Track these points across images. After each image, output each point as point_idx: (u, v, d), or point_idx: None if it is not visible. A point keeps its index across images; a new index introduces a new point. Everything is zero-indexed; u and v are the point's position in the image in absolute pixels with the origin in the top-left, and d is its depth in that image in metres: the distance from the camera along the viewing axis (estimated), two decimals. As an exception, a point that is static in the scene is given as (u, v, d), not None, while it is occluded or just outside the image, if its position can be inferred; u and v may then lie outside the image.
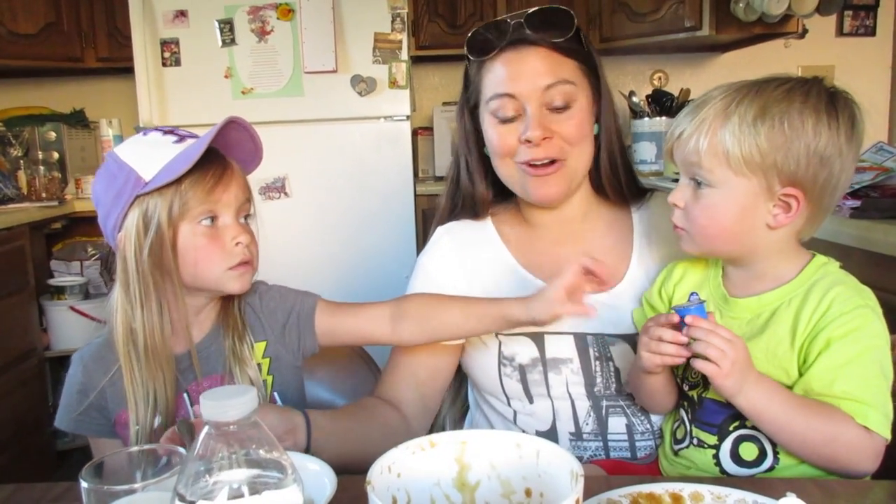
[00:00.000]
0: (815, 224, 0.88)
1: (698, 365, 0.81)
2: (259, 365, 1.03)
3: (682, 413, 0.96)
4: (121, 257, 0.95)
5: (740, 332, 0.89)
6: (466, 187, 1.15)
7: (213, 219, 0.95)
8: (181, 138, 0.96)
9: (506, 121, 1.03)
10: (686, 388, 0.95)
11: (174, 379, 0.97)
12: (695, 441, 0.92)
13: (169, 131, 0.98)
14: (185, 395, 0.99)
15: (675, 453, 0.96)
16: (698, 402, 0.92)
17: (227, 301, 1.04)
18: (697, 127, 0.86)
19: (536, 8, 1.02)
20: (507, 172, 1.07)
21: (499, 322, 0.99)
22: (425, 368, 1.11)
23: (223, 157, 0.97)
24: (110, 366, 0.97)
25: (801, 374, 0.84)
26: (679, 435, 0.96)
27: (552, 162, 1.02)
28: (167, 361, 0.95)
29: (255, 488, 0.50)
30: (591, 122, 1.06)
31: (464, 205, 1.16)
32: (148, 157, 0.94)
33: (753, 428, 0.86)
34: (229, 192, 0.95)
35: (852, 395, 0.80)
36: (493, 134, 1.05)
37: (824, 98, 0.84)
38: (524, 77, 1.01)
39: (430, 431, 1.12)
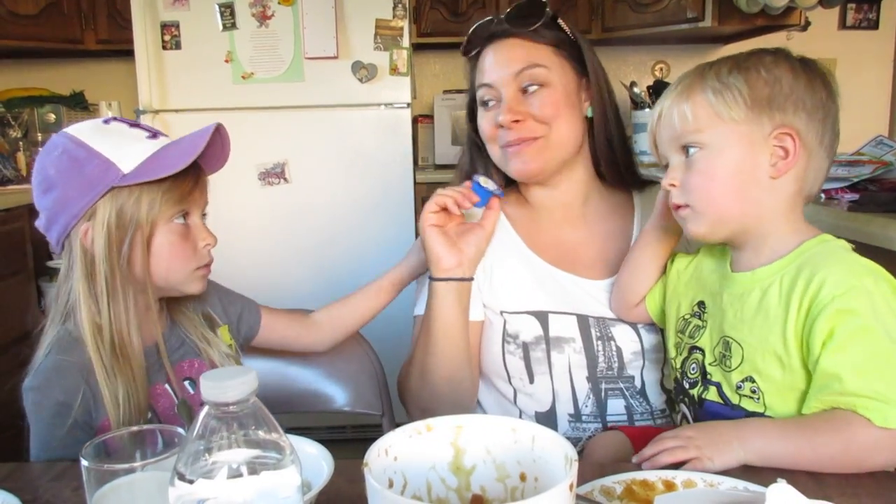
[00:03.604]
0: (816, 175, 0.87)
1: (688, 467, 0.77)
2: (230, 346, 1.07)
3: (685, 409, 0.96)
4: (82, 250, 0.91)
5: (733, 309, 0.89)
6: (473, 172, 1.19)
7: (186, 215, 0.95)
8: (154, 134, 0.95)
9: (489, 108, 1.11)
10: (687, 385, 0.95)
11: (144, 373, 0.93)
12: None
13: (135, 125, 0.96)
14: (165, 385, 0.98)
15: None
16: (699, 402, 0.92)
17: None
18: (676, 97, 0.88)
19: (515, 4, 1.09)
20: (494, 155, 1.13)
21: (394, 286, 1.17)
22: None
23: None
24: (78, 373, 0.91)
25: (807, 367, 0.81)
26: None
27: (528, 141, 1.07)
28: (135, 356, 0.92)
29: (254, 468, 0.51)
30: (571, 103, 1.09)
31: None
32: (123, 148, 0.91)
33: None
34: (203, 195, 0.98)
35: (866, 392, 0.76)
36: (481, 121, 1.13)
37: (792, 55, 0.87)
38: (498, 66, 1.09)
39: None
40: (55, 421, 0.91)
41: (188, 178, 0.93)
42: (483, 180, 1.05)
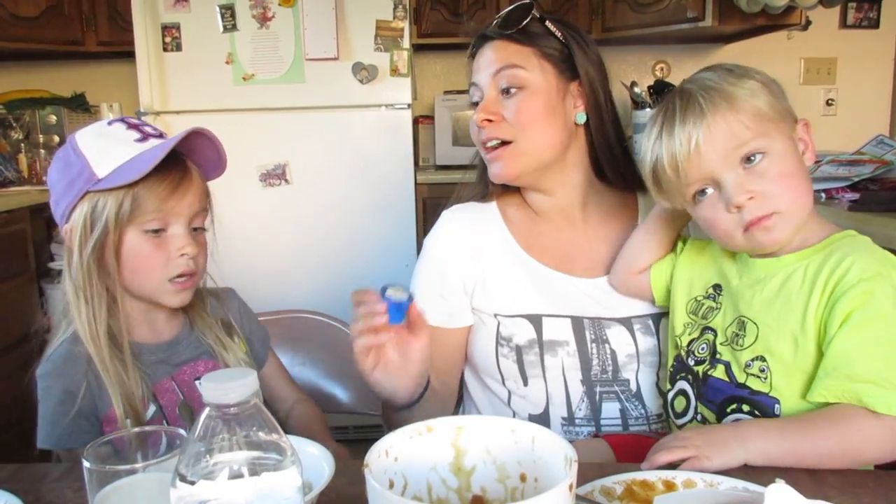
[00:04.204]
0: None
1: (686, 466, 0.77)
2: (246, 353, 1.07)
3: (686, 385, 0.97)
4: (66, 247, 0.93)
5: (752, 290, 0.90)
6: (483, 172, 1.19)
7: (162, 228, 0.93)
8: (145, 137, 0.94)
9: (474, 107, 1.12)
10: (692, 363, 0.96)
11: (134, 368, 0.94)
12: (698, 417, 0.94)
13: (134, 126, 0.95)
14: (172, 382, 0.99)
15: (679, 428, 0.97)
16: (703, 378, 0.93)
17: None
18: (715, 114, 0.84)
19: (506, 8, 1.10)
20: (483, 156, 1.13)
21: None
22: (440, 358, 1.11)
23: (184, 162, 0.95)
24: (84, 363, 0.93)
25: (821, 350, 0.82)
26: (678, 408, 0.97)
27: (502, 144, 1.08)
28: (124, 351, 0.93)
29: (255, 470, 0.51)
30: (552, 108, 1.07)
31: (487, 186, 1.19)
32: (105, 152, 0.91)
33: (750, 413, 0.87)
34: (184, 201, 0.93)
35: (873, 378, 0.77)
36: (471, 119, 1.14)
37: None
38: (481, 67, 1.11)
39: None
40: (60, 408, 0.93)
41: (164, 182, 0.91)
42: (391, 291, 0.88)
